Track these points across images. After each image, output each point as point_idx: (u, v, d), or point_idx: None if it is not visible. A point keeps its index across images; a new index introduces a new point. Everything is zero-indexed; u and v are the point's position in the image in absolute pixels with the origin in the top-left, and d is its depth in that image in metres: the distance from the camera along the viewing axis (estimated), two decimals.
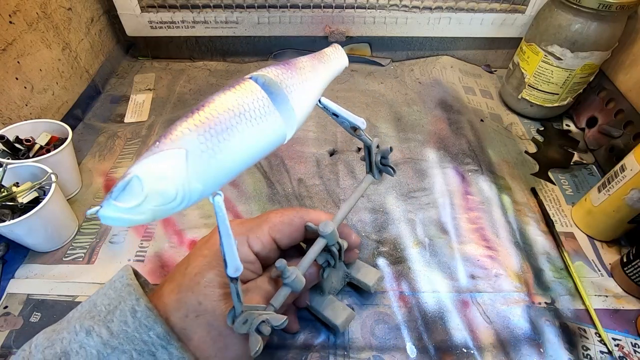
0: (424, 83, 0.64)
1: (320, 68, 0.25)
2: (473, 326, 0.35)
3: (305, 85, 0.23)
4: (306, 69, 0.23)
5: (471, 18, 0.61)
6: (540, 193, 0.46)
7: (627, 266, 0.36)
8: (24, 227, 0.35)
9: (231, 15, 0.61)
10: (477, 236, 0.42)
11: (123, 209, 0.16)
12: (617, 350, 0.33)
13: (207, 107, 0.19)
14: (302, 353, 0.33)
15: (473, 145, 0.52)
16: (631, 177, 0.36)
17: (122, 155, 0.50)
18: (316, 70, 0.24)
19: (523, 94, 0.55)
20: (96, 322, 0.23)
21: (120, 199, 0.16)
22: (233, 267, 0.21)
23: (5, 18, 0.44)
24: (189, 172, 0.17)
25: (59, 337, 0.23)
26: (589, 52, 0.47)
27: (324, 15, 0.61)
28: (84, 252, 0.40)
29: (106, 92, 0.62)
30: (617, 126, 0.49)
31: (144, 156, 0.17)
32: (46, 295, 0.36)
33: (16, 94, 0.46)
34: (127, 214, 0.16)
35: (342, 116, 0.29)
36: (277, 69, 0.22)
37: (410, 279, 0.38)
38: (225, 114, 0.19)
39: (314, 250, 0.28)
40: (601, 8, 0.44)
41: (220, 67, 0.67)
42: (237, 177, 0.48)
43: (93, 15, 0.61)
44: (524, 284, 0.38)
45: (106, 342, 0.22)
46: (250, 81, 0.20)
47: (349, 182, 0.47)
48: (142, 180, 0.16)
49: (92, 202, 0.45)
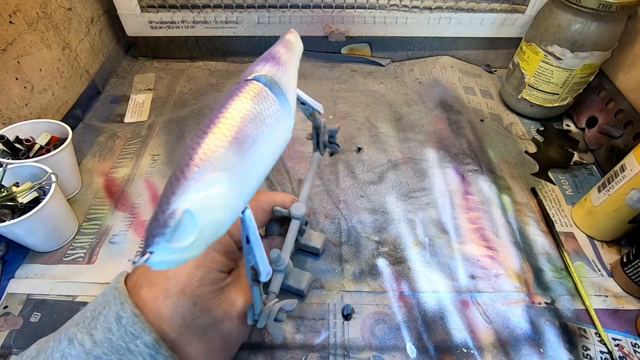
0: (424, 83, 0.64)
1: (292, 58, 0.25)
2: (473, 326, 0.35)
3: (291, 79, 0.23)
4: (287, 62, 0.23)
5: (471, 18, 0.61)
6: (540, 193, 0.46)
7: (627, 266, 0.36)
8: (24, 227, 0.35)
9: (231, 15, 0.61)
10: (477, 236, 0.42)
11: (178, 249, 0.14)
12: (617, 350, 0.33)
13: (227, 119, 0.17)
14: (302, 353, 0.33)
15: (473, 145, 0.52)
16: (631, 177, 0.36)
17: (122, 155, 0.50)
18: (291, 61, 0.24)
19: (523, 94, 0.55)
20: (80, 329, 0.22)
21: (175, 240, 0.14)
22: (265, 273, 0.21)
23: (5, 18, 0.44)
24: (233, 193, 0.16)
25: (45, 346, 0.22)
26: (589, 52, 0.47)
27: (324, 15, 0.61)
28: (84, 252, 0.40)
29: (106, 92, 0.62)
30: (617, 126, 0.49)
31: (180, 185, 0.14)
32: (46, 295, 0.36)
33: (16, 94, 0.46)
34: (183, 253, 0.14)
35: (308, 103, 0.30)
36: (271, 67, 0.21)
37: (410, 279, 0.38)
38: (251, 125, 0.18)
39: (293, 234, 0.30)
40: (601, 8, 0.44)
41: (220, 67, 0.67)
42: None
43: (93, 15, 0.61)
44: (524, 284, 0.38)
45: (89, 352, 0.21)
46: (257, 84, 0.19)
47: (349, 182, 0.47)
48: (194, 214, 0.14)
49: (92, 202, 0.45)
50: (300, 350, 0.33)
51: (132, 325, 0.21)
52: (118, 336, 0.21)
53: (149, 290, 0.24)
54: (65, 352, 0.21)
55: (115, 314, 0.22)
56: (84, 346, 0.21)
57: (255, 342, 0.33)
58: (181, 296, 0.24)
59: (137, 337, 0.21)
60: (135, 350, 0.21)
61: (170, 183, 0.15)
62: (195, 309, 0.24)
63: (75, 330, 0.22)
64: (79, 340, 0.21)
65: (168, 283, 0.24)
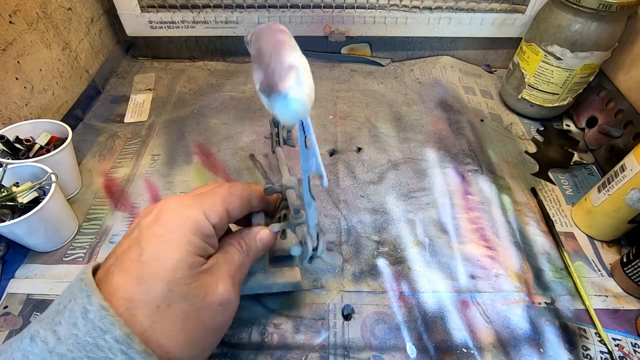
0: (424, 83, 0.64)
1: None
2: (473, 326, 0.35)
3: None
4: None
5: (471, 18, 0.61)
6: (540, 193, 0.46)
7: (627, 266, 0.36)
8: (24, 227, 0.35)
9: (231, 15, 0.61)
10: (477, 236, 0.42)
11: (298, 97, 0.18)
12: (617, 350, 0.33)
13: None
14: (302, 353, 0.33)
15: (473, 145, 0.52)
16: (631, 177, 0.36)
17: (122, 155, 0.50)
18: None
19: (523, 94, 0.55)
20: (42, 325, 0.20)
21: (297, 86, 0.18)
22: (326, 178, 0.23)
23: (5, 18, 0.44)
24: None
25: (7, 347, 0.20)
26: (589, 52, 0.47)
27: (324, 15, 0.61)
28: (84, 252, 0.40)
29: (106, 92, 0.62)
30: (617, 126, 0.49)
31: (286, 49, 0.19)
32: (46, 295, 0.36)
33: (16, 94, 0.46)
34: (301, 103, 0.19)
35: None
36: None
37: (410, 279, 0.38)
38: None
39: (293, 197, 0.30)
40: (601, 8, 0.44)
41: (220, 67, 0.67)
42: (237, 178, 0.48)
43: (93, 15, 0.61)
44: (524, 284, 0.38)
45: (52, 349, 0.19)
46: None
47: (349, 182, 0.47)
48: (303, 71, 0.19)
49: (92, 202, 0.45)
50: (300, 350, 0.33)
51: (100, 320, 0.20)
52: (85, 331, 0.19)
53: (120, 277, 0.22)
54: (26, 350, 0.19)
55: (81, 307, 0.20)
56: (47, 343, 0.19)
57: (255, 342, 0.33)
58: (156, 280, 0.22)
59: (106, 331, 0.19)
60: (105, 346, 0.19)
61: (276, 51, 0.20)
62: (171, 294, 0.22)
63: (37, 327, 0.20)
64: (42, 337, 0.19)
65: (142, 268, 0.22)
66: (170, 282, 0.22)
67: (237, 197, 0.28)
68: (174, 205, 0.25)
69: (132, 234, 0.24)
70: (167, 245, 0.23)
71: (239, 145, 0.52)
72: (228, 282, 0.25)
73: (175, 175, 0.48)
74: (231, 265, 0.26)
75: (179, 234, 0.23)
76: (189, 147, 0.52)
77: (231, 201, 0.27)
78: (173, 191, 0.46)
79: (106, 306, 0.20)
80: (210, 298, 0.24)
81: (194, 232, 0.24)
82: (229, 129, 0.54)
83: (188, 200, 0.26)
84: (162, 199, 0.26)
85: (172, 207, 0.25)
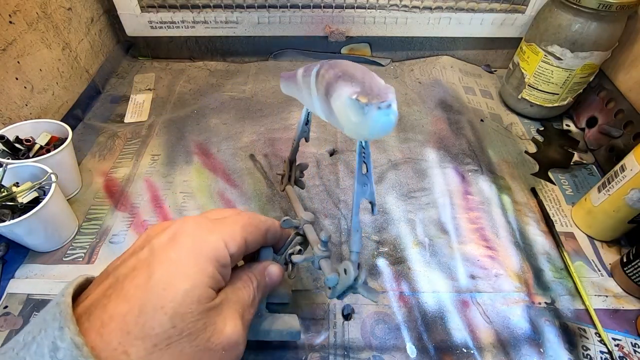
0: (424, 83, 0.64)
1: None
2: (473, 326, 0.35)
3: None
4: None
5: (471, 18, 0.61)
6: (540, 193, 0.46)
7: (627, 266, 0.36)
8: (24, 227, 0.35)
9: (231, 15, 0.61)
10: (477, 236, 0.42)
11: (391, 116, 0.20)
12: (617, 350, 0.33)
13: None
14: (302, 353, 0.33)
15: (473, 145, 0.52)
16: (631, 177, 0.36)
17: (122, 155, 0.50)
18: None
19: (523, 94, 0.55)
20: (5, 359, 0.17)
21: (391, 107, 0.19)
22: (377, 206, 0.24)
23: (5, 18, 0.44)
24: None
25: None
26: (589, 52, 0.47)
27: (324, 15, 0.61)
28: (84, 252, 0.40)
29: (106, 92, 0.62)
30: (617, 126, 0.49)
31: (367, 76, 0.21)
32: (46, 295, 0.36)
33: (16, 94, 0.46)
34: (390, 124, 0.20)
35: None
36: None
37: (410, 279, 0.38)
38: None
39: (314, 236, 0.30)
40: (601, 8, 0.44)
41: (220, 67, 0.67)
42: (237, 178, 0.48)
43: (93, 15, 0.61)
44: (524, 284, 0.38)
45: None
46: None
47: (349, 182, 0.47)
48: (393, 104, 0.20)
49: (92, 202, 0.45)
50: (301, 350, 0.33)
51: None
52: None
53: (119, 304, 0.19)
54: None
55: (50, 342, 0.16)
56: None
57: (255, 342, 0.33)
58: (159, 314, 0.19)
59: None
60: None
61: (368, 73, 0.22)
62: (173, 331, 0.19)
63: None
64: None
65: (146, 296, 0.19)
66: (175, 317, 0.19)
67: (256, 228, 0.26)
68: (193, 227, 0.23)
69: (141, 253, 0.22)
70: (180, 271, 0.20)
71: (239, 145, 0.52)
72: (237, 322, 0.23)
73: (175, 175, 0.48)
74: (241, 303, 0.23)
75: (195, 261, 0.21)
76: (189, 147, 0.52)
77: (251, 232, 0.25)
78: (173, 191, 0.46)
79: (80, 344, 0.16)
80: (215, 339, 0.21)
81: (211, 260, 0.22)
82: (229, 129, 0.54)
83: (207, 224, 0.24)
84: (179, 219, 0.24)
85: (191, 229, 0.23)
